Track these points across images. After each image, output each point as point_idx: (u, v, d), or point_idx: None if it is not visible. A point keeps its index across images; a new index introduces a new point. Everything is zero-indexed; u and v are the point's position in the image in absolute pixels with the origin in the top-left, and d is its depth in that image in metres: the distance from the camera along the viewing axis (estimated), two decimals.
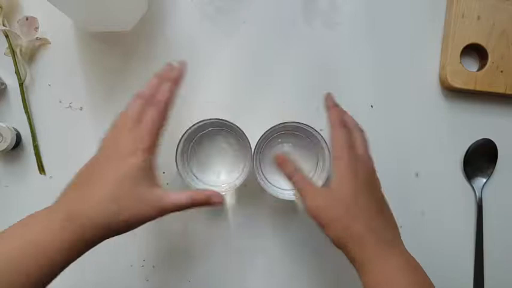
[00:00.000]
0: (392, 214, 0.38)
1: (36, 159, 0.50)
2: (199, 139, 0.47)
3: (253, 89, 0.51)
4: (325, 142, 0.45)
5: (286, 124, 0.45)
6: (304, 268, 0.50)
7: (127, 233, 0.36)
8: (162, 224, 0.50)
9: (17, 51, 0.49)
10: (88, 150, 0.51)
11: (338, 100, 0.51)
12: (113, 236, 0.34)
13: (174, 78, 0.40)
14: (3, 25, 0.49)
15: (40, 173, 0.50)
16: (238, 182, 0.45)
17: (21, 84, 0.50)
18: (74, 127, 0.51)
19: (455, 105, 0.51)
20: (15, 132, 0.49)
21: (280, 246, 0.50)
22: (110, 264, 0.50)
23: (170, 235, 0.50)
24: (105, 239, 0.34)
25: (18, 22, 0.49)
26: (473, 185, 0.51)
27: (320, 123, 0.47)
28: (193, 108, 0.50)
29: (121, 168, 0.34)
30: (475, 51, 0.51)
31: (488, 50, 0.50)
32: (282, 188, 0.46)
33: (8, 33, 0.49)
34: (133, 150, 0.35)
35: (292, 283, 0.50)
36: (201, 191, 0.37)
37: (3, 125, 0.48)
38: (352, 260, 0.36)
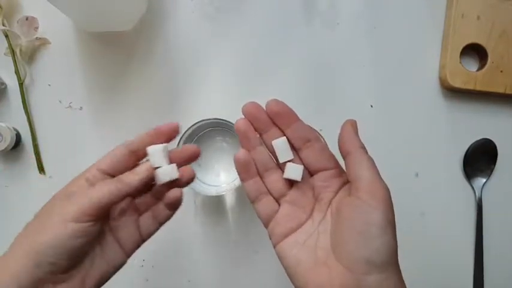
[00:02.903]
0: None
1: (36, 159, 0.50)
2: (199, 139, 0.47)
3: (253, 89, 0.51)
4: (325, 142, 0.44)
5: None
6: None
7: None
8: None
9: (17, 51, 0.49)
10: (88, 150, 0.51)
11: (338, 100, 0.52)
12: None
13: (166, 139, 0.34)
14: (3, 25, 0.49)
15: (40, 172, 0.50)
16: (237, 182, 0.45)
17: (21, 84, 0.50)
18: (74, 127, 0.51)
19: (455, 105, 0.51)
20: (15, 132, 0.49)
21: None
22: None
23: (169, 235, 0.50)
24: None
25: (18, 22, 0.49)
26: (473, 185, 0.51)
27: (319, 123, 0.46)
28: (192, 108, 0.50)
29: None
30: (475, 51, 0.51)
31: (488, 50, 0.50)
32: None
33: (7, 33, 0.49)
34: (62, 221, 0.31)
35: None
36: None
37: (3, 125, 0.48)
38: None
